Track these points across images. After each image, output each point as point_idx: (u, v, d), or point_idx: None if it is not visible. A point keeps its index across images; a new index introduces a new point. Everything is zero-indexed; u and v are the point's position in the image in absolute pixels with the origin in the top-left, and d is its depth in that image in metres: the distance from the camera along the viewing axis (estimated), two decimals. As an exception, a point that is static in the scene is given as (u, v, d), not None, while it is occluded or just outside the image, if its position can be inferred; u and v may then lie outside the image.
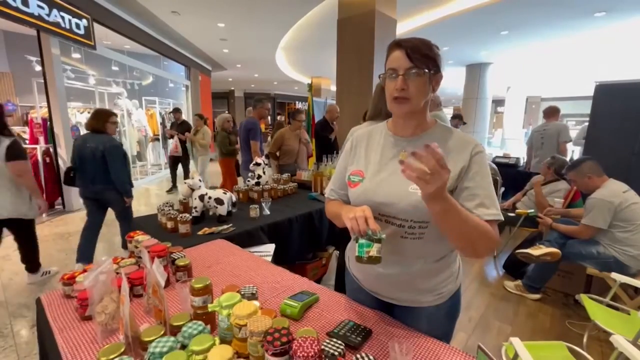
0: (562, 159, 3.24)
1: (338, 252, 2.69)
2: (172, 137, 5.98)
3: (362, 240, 0.78)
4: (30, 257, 2.77)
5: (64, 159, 4.80)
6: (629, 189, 2.25)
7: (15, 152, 2.41)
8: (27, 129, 5.52)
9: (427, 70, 0.83)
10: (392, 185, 0.89)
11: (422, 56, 0.83)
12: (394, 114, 0.93)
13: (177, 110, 6.22)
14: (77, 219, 4.57)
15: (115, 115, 2.92)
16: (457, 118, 5.28)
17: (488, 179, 0.86)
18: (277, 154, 3.68)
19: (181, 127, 5.86)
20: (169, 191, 6.29)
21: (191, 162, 6.14)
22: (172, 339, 0.79)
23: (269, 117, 5.61)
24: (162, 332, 0.82)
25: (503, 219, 0.86)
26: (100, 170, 2.68)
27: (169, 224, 1.90)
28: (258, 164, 2.70)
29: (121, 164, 2.75)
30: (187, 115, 9.33)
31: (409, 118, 0.91)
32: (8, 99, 7.04)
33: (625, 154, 3.15)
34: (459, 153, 0.87)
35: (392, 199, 0.88)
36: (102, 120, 2.75)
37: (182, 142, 5.84)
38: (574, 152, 5.64)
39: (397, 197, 0.87)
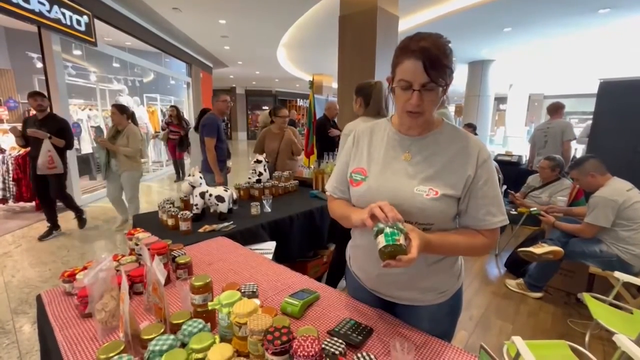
0: (561, 159, 3.23)
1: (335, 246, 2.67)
2: (21, 141, 3.43)
3: (388, 230, 0.74)
4: None
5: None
6: (632, 187, 2.23)
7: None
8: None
9: (443, 84, 0.79)
10: (397, 186, 0.88)
11: (440, 68, 0.76)
12: (403, 123, 0.92)
13: (35, 94, 3.30)
14: (78, 216, 4.56)
15: None
16: (470, 127, 5.15)
17: (495, 186, 0.87)
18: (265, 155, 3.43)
19: (47, 125, 3.36)
20: (44, 237, 3.58)
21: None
22: (172, 337, 0.78)
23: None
24: (162, 330, 0.82)
25: (508, 222, 0.91)
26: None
27: (170, 222, 1.89)
28: (259, 162, 2.69)
29: None
30: (187, 114, 9.26)
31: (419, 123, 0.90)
32: (9, 96, 7.05)
33: (629, 151, 3.12)
34: (466, 158, 0.86)
35: (397, 200, 0.85)
36: None
37: (61, 150, 3.43)
38: (576, 150, 5.61)
39: (402, 198, 0.85)
